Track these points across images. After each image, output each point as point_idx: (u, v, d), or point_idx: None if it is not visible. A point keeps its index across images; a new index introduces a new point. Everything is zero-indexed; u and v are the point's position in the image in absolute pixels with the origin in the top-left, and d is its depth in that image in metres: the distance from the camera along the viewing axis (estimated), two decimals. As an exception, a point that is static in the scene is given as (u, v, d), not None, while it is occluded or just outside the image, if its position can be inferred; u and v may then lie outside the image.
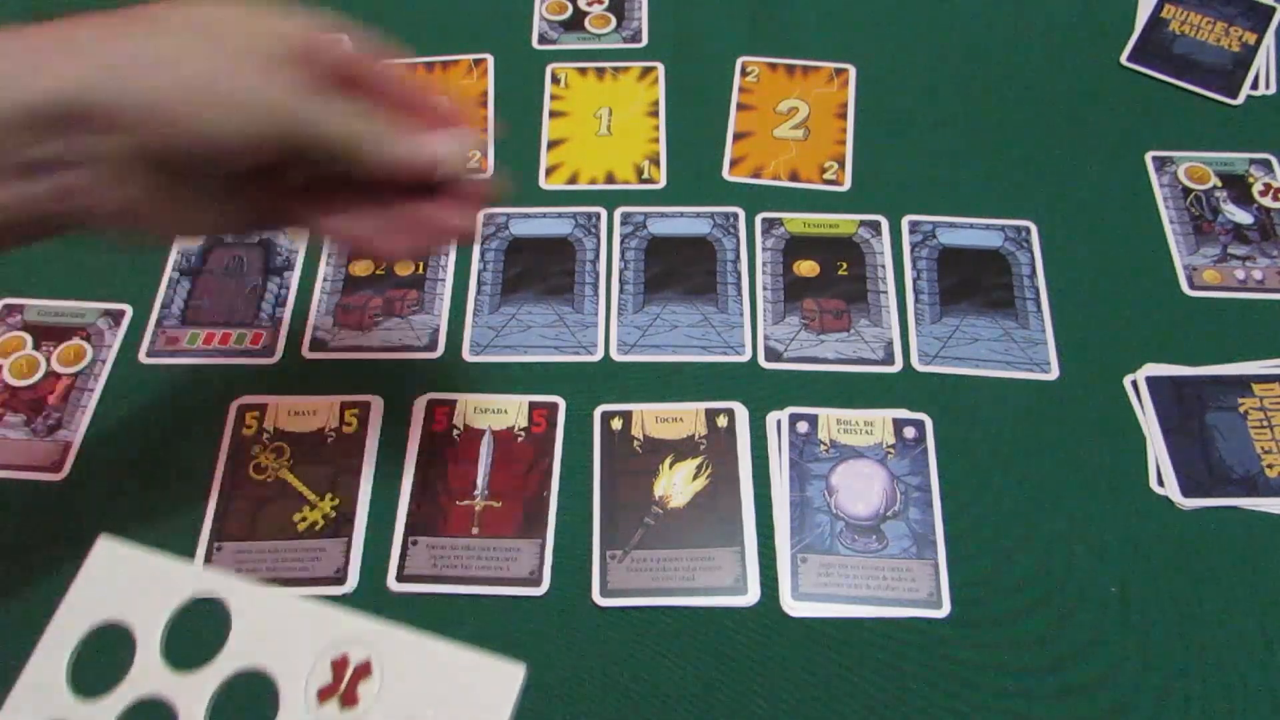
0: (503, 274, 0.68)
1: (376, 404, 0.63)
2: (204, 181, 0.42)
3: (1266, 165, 0.72)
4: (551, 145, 0.74)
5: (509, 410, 0.62)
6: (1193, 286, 0.67)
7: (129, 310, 0.67)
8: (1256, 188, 0.70)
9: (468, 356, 0.65)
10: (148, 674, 0.39)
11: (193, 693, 0.39)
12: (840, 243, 0.69)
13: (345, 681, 0.37)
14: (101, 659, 0.45)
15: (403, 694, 0.37)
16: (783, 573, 0.57)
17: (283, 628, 0.39)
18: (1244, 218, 0.69)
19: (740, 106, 0.76)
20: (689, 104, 0.76)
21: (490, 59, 0.79)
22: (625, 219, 0.70)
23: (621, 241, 0.69)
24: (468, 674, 0.37)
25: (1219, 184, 0.71)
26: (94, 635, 0.42)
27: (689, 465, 0.60)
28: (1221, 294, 0.67)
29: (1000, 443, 0.61)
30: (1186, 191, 0.70)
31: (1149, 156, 0.73)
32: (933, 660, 0.54)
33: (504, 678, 0.37)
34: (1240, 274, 0.67)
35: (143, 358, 0.65)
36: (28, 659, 0.45)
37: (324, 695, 0.37)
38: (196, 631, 0.44)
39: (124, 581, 0.42)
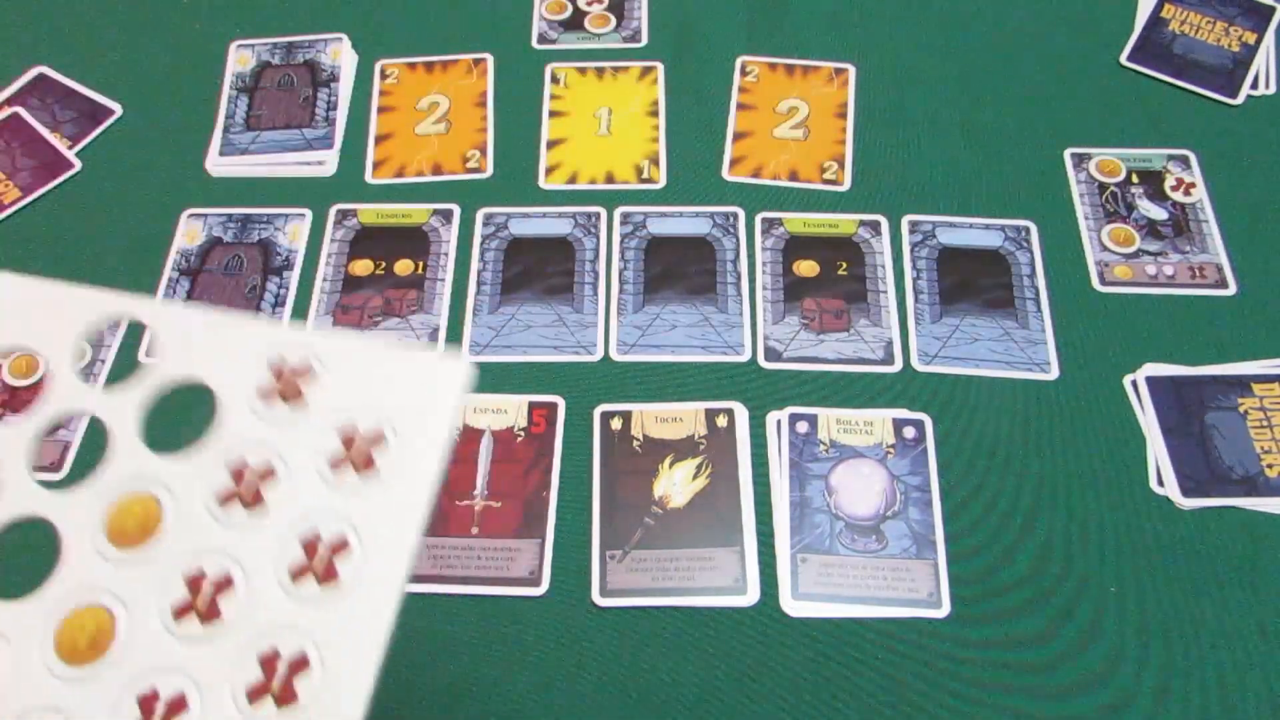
0: (502, 274, 0.68)
1: (376, 404, 0.63)
2: None
3: (1184, 161, 0.72)
4: (551, 145, 0.74)
5: (509, 410, 0.62)
6: (1103, 282, 0.67)
7: (128, 310, 0.67)
8: (1169, 183, 0.69)
9: (468, 356, 0.65)
10: (66, 394, 0.37)
11: (121, 407, 0.37)
12: (840, 242, 0.69)
13: (288, 383, 0.36)
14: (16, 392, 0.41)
15: (346, 393, 0.36)
16: (782, 573, 0.56)
17: (210, 341, 0.37)
18: (1158, 213, 0.69)
19: (740, 106, 0.76)
20: (689, 104, 0.76)
21: (490, 59, 0.79)
22: (625, 219, 0.70)
23: (621, 241, 0.69)
24: (410, 371, 0.36)
25: (1134, 178, 0.70)
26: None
27: (689, 465, 0.60)
28: (1132, 290, 0.67)
29: (1000, 443, 0.61)
30: (1101, 187, 0.70)
31: (1067, 153, 0.73)
32: (933, 660, 0.54)
33: (448, 373, 0.36)
34: (1151, 269, 0.67)
35: (142, 357, 0.65)
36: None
37: (266, 395, 0.36)
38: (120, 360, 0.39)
39: (30, 311, 0.40)
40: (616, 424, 0.62)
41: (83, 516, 0.36)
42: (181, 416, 0.36)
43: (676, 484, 0.59)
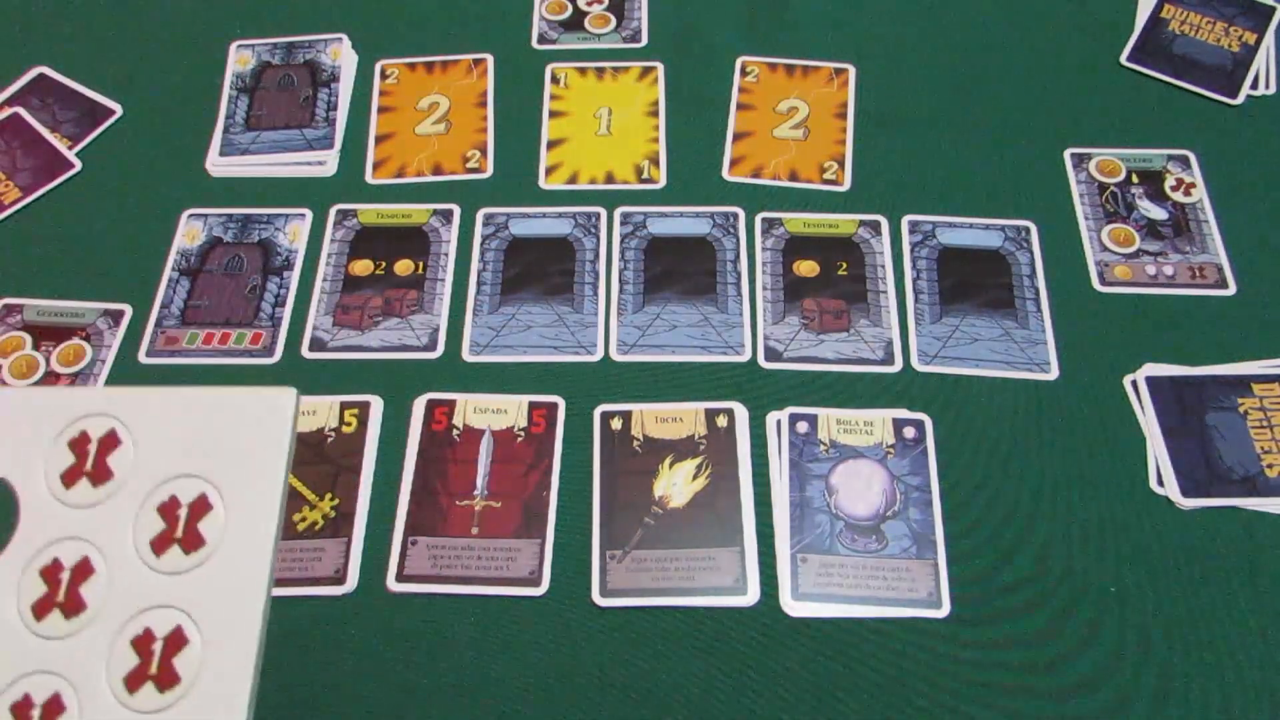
0: (502, 274, 0.68)
1: (376, 404, 0.63)
2: None
3: (1184, 161, 0.72)
4: (551, 145, 0.74)
5: (509, 410, 0.62)
6: (1103, 282, 0.67)
7: (128, 310, 0.67)
8: (1169, 183, 0.69)
9: (467, 356, 0.65)
10: None
11: None
12: (840, 243, 0.69)
13: (91, 458, 0.33)
14: None
15: (164, 453, 0.33)
16: (783, 573, 0.57)
17: (3, 424, 0.34)
18: (1158, 213, 0.69)
19: (740, 106, 0.76)
20: (689, 104, 0.76)
21: (490, 59, 0.79)
22: (625, 219, 0.70)
23: (621, 241, 0.69)
24: (233, 413, 0.33)
25: (1134, 178, 0.70)
26: None
27: (689, 465, 0.60)
28: (1132, 290, 0.67)
29: (1000, 443, 0.61)
30: (1101, 187, 0.70)
31: (1067, 153, 0.73)
32: (933, 660, 0.54)
33: (275, 405, 0.33)
34: (1151, 269, 0.67)
35: (142, 358, 0.65)
36: None
37: (69, 479, 0.33)
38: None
39: None
40: (616, 424, 0.62)
41: None
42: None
43: (676, 484, 0.59)
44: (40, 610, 0.32)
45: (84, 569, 0.32)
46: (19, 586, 0.32)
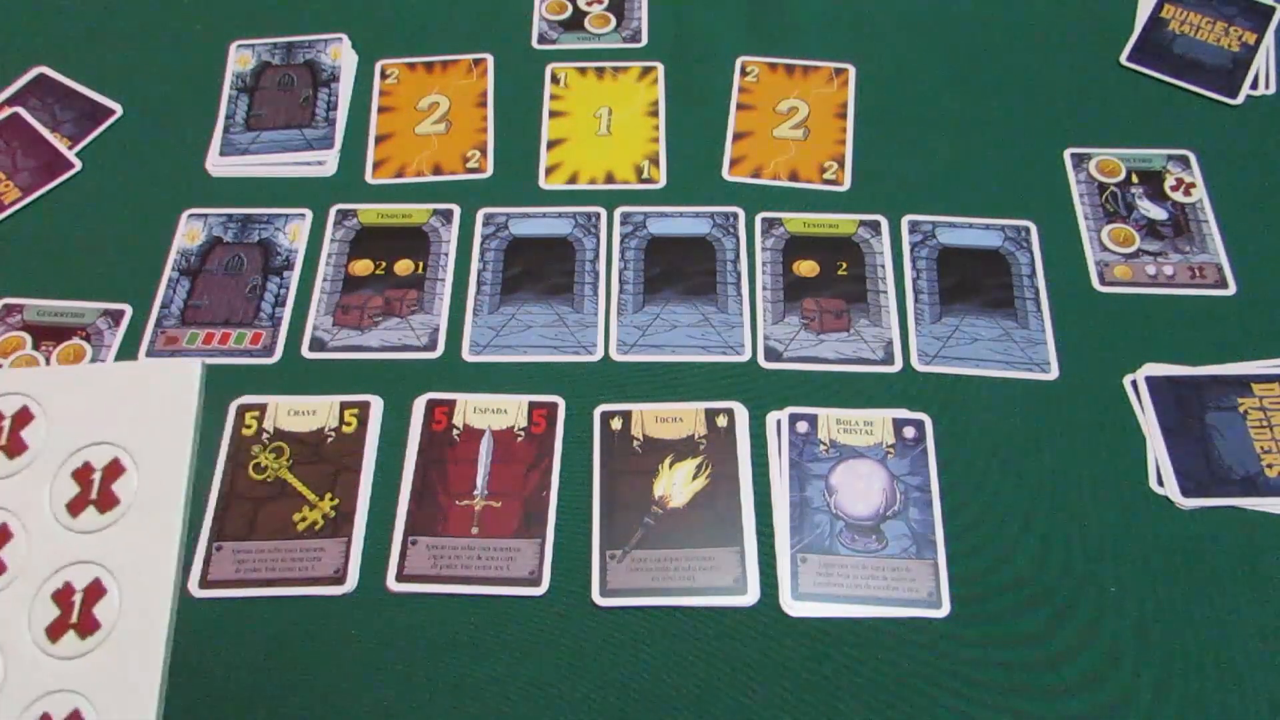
0: (502, 274, 0.68)
1: (376, 404, 0.63)
2: None
3: (1184, 161, 0.72)
4: (551, 145, 0.74)
5: (509, 410, 0.62)
6: (1103, 282, 0.67)
7: (128, 310, 0.67)
8: (1169, 183, 0.69)
9: (467, 356, 0.65)
10: None
11: None
12: (840, 243, 0.69)
13: (5, 433, 0.35)
14: None
15: (76, 425, 0.35)
16: (783, 573, 0.57)
17: None
18: (1158, 213, 0.69)
19: (740, 106, 0.76)
20: (689, 104, 0.76)
21: (490, 59, 0.79)
22: (625, 219, 0.70)
23: (621, 241, 0.69)
24: (140, 384, 0.35)
25: (1134, 179, 0.70)
26: None
27: (689, 465, 0.60)
28: (1132, 290, 0.67)
29: (1000, 443, 0.61)
30: (1101, 187, 0.70)
31: (1067, 153, 0.73)
32: (933, 659, 0.54)
33: (180, 375, 0.35)
34: (1151, 269, 0.67)
35: (142, 357, 0.65)
36: None
37: None
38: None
39: None
40: (616, 424, 0.62)
41: None
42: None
43: (676, 484, 0.59)
44: None
45: (3, 534, 0.33)
46: None
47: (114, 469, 0.34)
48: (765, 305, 0.66)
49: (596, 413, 0.62)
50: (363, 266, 0.69)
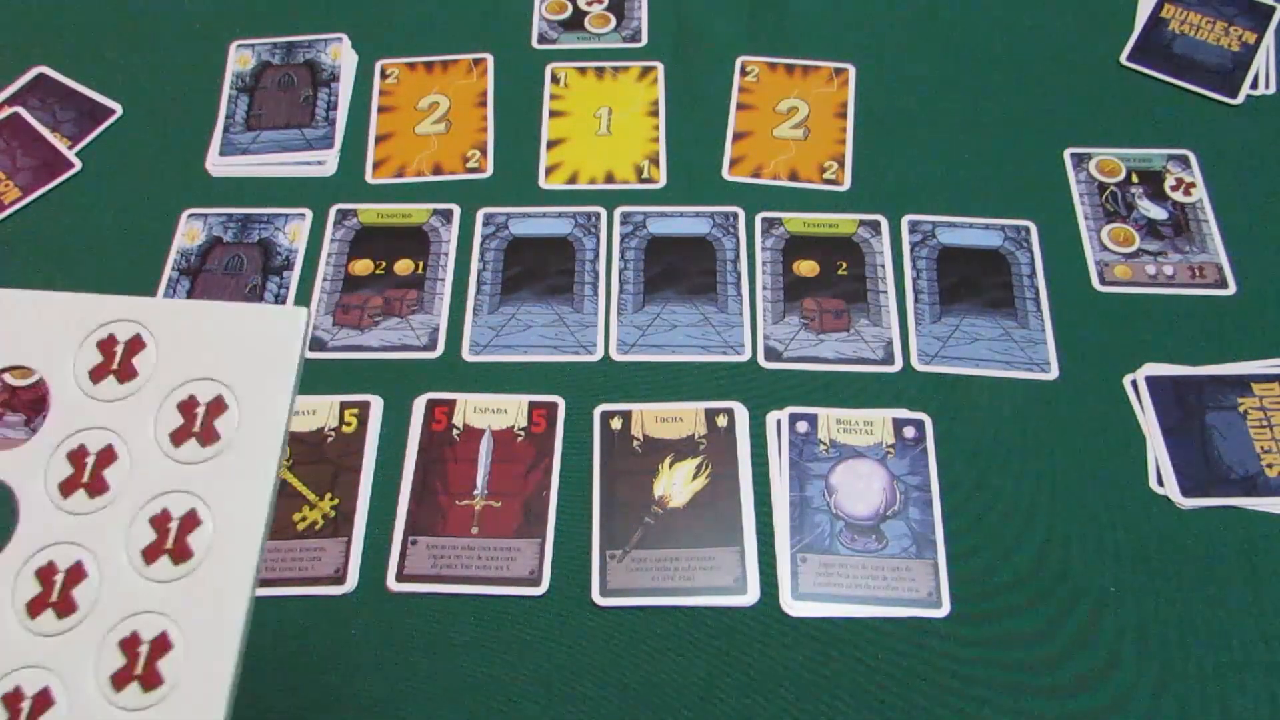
0: (502, 274, 0.68)
1: (376, 404, 0.63)
2: None
3: (1184, 161, 0.72)
4: (551, 145, 0.74)
5: (509, 410, 0.62)
6: (1103, 282, 0.67)
7: (129, 310, 0.67)
8: (1169, 183, 0.69)
9: (467, 356, 0.65)
10: None
11: None
12: (840, 242, 0.69)
13: (118, 358, 0.36)
14: None
15: (185, 358, 0.36)
16: (782, 573, 0.57)
17: (34, 323, 0.37)
18: (1158, 213, 0.69)
19: (740, 106, 0.76)
20: (689, 104, 0.76)
21: (490, 59, 0.79)
22: (625, 219, 0.70)
23: (621, 241, 0.69)
24: (247, 326, 0.36)
25: (1134, 178, 0.70)
26: None
27: (689, 465, 0.60)
28: (1132, 289, 0.67)
29: (1000, 443, 0.61)
30: (1101, 187, 0.70)
31: (1067, 153, 0.73)
32: (933, 659, 0.54)
33: (286, 322, 0.36)
34: (1151, 269, 0.67)
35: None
36: None
37: (97, 375, 0.36)
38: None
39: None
40: (616, 424, 0.62)
41: None
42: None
43: (676, 484, 0.59)
44: (34, 608, 0.34)
45: (109, 455, 0.35)
46: (18, 583, 0.35)
47: (217, 405, 0.35)
48: (765, 305, 0.66)
49: (596, 413, 0.62)
50: (363, 266, 0.69)
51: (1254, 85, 0.76)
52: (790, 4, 0.81)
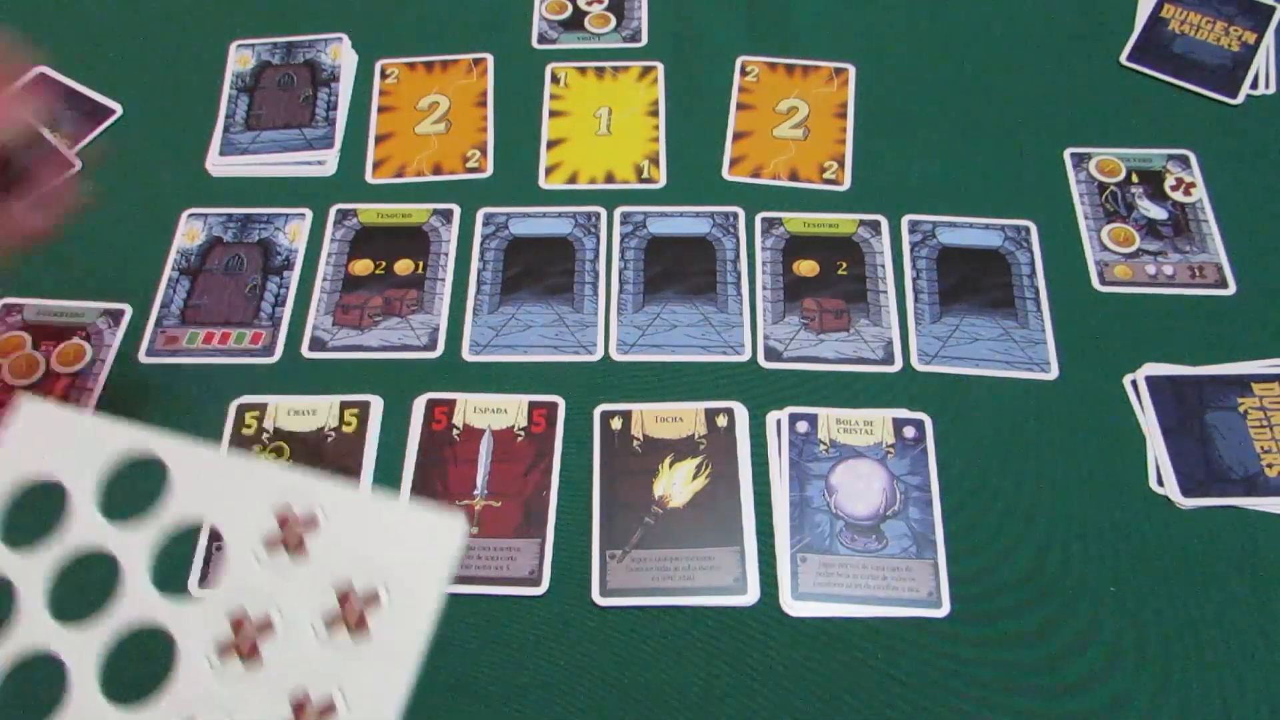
0: (502, 274, 0.68)
1: (376, 404, 0.63)
2: None
3: (1184, 161, 0.72)
4: (551, 145, 0.74)
5: (509, 410, 0.62)
6: (1103, 282, 0.67)
7: (128, 310, 0.67)
8: (1169, 183, 0.69)
9: (467, 356, 0.65)
10: (85, 527, 0.39)
11: (134, 544, 0.39)
12: (840, 242, 0.69)
13: (293, 533, 0.38)
14: (36, 517, 0.41)
15: (348, 544, 0.37)
16: (782, 573, 0.57)
17: (224, 483, 0.40)
18: (1158, 213, 0.69)
19: (740, 106, 0.76)
20: (689, 104, 0.76)
21: (490, 58, 0.79)
22: (625, 219, 0.70)
23: (621, 241, 0.69)
24: (410, 526, 0.38)
25: (1134, 178, 0.70)
26: (26, 493, 0.41)
27: (689, 465, 0.60)
28: (1132, 289, 0.67)
29: (1000, 443, 0.61)
30: (1101, 186, 0.70)
31: (1067, 153, 0.73)
32: (933, 659, 0.54)
33: (446, 530, 0.38)
34: (1151, 269, 0.67)
35: (142, 357, 0.65)
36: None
37: (271, 545, 0.38)
38: (133, 489, 0.42)
39: (54, 441, 0.41)
40: (616, 424, 0.62)
41: (89, 657, 0.37)
42: (179, 549, 0.37)
43: (676, 484, 0.59)
44: (223, 654, 0.37)
45: (268, 626, 0.38)
46: (214, 628, 0.37)
47: (372, 598, 0.37)
48: (765, 305, 0.66)
49: (596, 412, 0.62)
50: (363, 266, 0.69)
51: (1254, 85, 0.76)
52: (790, 4, 0.81)
